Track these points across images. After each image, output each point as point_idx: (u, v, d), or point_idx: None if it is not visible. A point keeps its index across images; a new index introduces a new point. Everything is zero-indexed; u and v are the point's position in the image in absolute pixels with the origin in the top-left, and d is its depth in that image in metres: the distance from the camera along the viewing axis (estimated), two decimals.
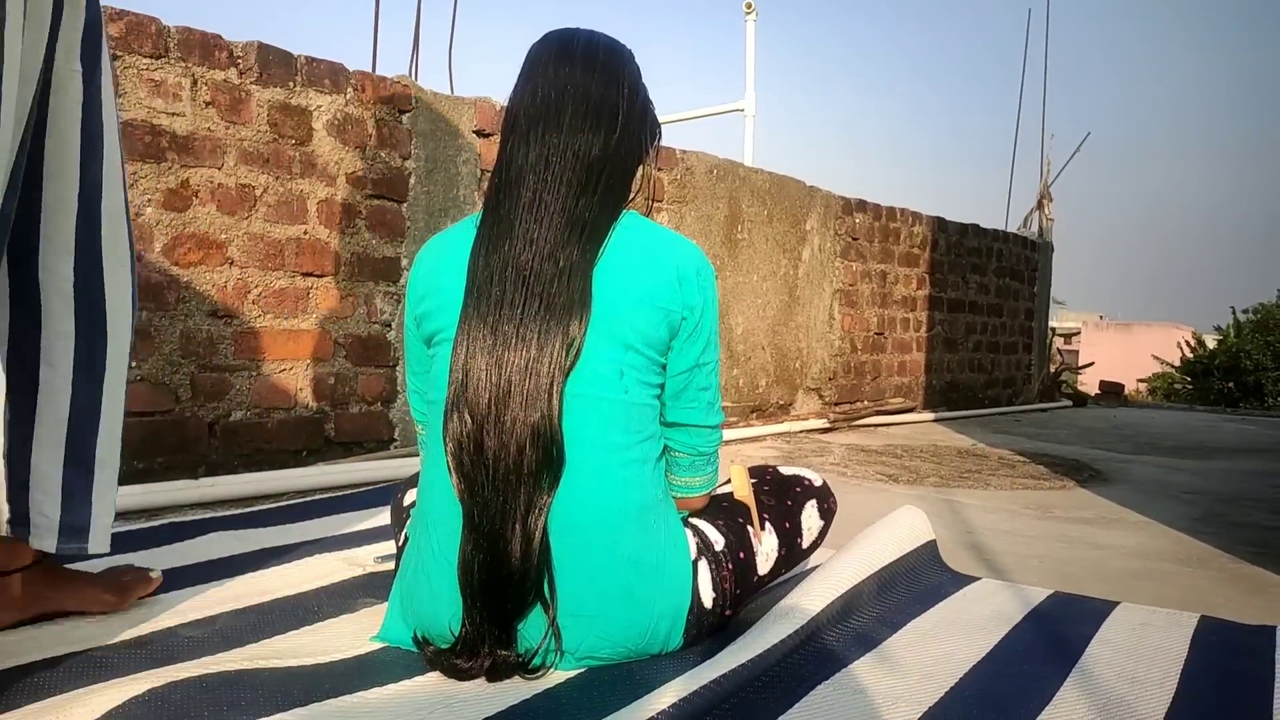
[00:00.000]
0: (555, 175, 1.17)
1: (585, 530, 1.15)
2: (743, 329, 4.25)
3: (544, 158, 1.18)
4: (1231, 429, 5.60)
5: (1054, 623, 1.49)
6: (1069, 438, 4.65)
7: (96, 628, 1.30)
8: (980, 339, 6.11)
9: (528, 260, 1.15)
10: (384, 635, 1.27)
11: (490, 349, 1.13)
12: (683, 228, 3.91)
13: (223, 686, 1.09)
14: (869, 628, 1.40)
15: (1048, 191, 7.10)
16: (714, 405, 1.29)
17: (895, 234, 5.26)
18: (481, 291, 1.16)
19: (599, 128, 1.19)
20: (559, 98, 1.19)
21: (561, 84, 1.20)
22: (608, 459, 1.16)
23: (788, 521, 1.41)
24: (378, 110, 2.82)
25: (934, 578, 1.68)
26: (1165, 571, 1.96)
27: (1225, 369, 12.96)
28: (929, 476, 3.14)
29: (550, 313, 1.13)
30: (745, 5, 5.24)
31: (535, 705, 1.09)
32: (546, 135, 1.18)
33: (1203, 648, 1.39)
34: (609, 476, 1.16)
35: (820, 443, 4.01)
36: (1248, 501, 2.91)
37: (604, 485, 1.16)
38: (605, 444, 1.16)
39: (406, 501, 1.48)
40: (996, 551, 2.06)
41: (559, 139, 1.18)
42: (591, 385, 1.15)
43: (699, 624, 1.26)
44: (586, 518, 1.15)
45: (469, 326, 1.15)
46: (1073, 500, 2.80)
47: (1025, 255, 6.61)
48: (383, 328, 2.87)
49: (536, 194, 1.17)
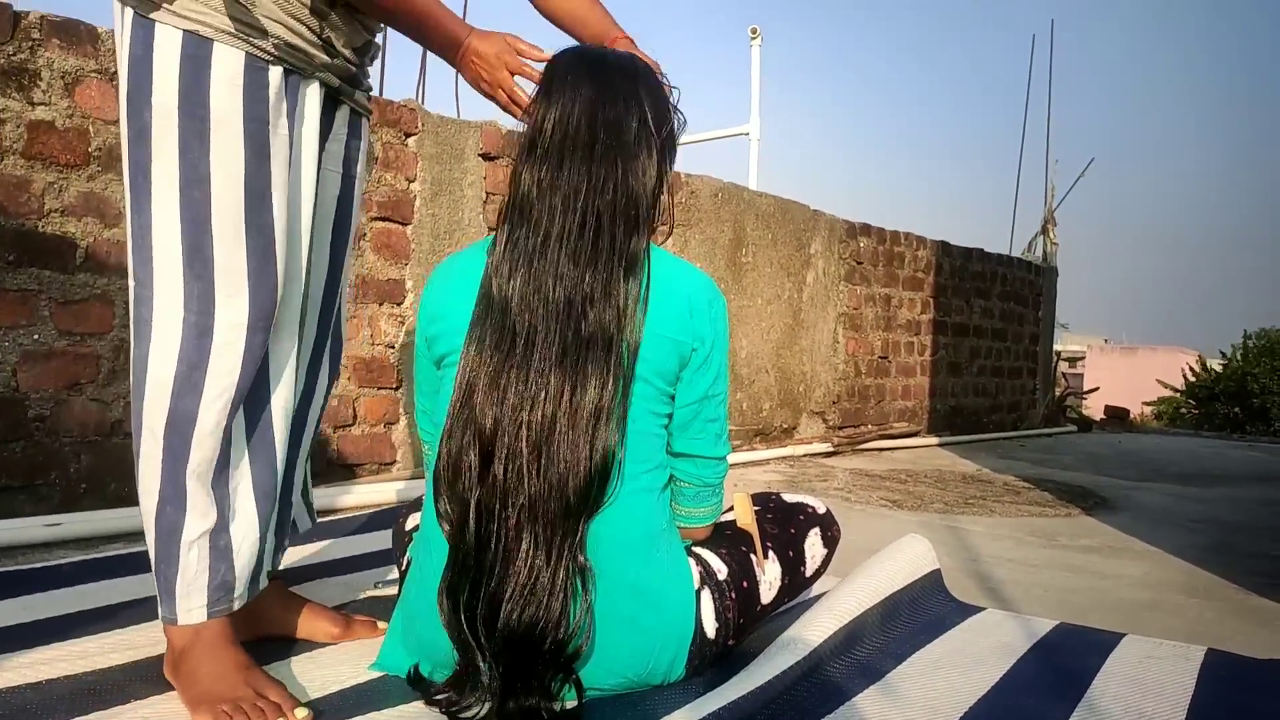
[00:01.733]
0: (585, 204, 1.14)
1: (590, 558, 1.14)
2: (747, 352, 4.24)
3: (573, 187, 1.14)
4: (1238, 455, 5.57)
5: (1060, 655, 1.47)
6: (1074, 463, 4.63)
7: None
8: (985, 363, 6.10)
9: (561, 293, 1.12)
10: (382, 663, 1.26)
11: (520, 380, 1.11)
12: (687, 251, 3.92)
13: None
14: (873, 659, 1.39)
15: (1052, 216, 7.11)
16: (721, 437, 1.28)
17: (899, 258, 5.26)
18: (497, 320, 1.14)
19: (627, 157, 1.16)
20: (587, 124, 1.16)
21: (588, 109, 1.16)
22: (615, 488, 1.15)
23: (791, 549, 1.39)
24: (384, 133, 2.83)
25: (938, 608, 1.67)
26: (1172, 602, 1.94)
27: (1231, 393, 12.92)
28: (933, 502, 3.13)
29: (593, 349, 1.11)
30: (750, 30, 5.27)
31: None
32: (571, 163, 1.15)
33: (1210, 682, 1.38)
34: (616, 504, 1.16)
35: (824, 467, 4.00)
36: (1255, 530, 2.89)
37: (610, 513, 1.15)
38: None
39: (409, 525, 1.47)
40: (1002, 580, 2.04)
41: (586, 168, 1.15)
42: None
43: (701, 654, 1.24)
44: (592, 545, 1.14)
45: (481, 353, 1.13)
46: (1078, 528, 2.78)
47: (1029, 280, 6.61)
48: (386, 349, 2.87)
49: (565, 224, 1.14)
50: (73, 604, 1.52)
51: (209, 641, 1.16)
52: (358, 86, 1.35)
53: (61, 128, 2.15)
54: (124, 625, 1.42)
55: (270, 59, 1.16)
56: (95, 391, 2.23)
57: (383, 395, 2.88)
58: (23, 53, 2.10)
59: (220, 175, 1.14)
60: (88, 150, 2.20)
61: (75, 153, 2.17)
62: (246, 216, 1.16)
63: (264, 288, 1.18)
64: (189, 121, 1.12)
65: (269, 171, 1.17)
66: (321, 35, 1.22)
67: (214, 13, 1.13)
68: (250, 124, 1.15)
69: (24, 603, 1.52)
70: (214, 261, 1.15)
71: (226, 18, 1.13)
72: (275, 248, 1.19)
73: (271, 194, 1.18)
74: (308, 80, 1.23)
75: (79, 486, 2.21)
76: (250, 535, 1.22)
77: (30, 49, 2.11)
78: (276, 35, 1.16)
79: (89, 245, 2.21)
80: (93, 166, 2.21)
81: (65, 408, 2.17)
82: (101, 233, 2.23)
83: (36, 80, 2.12)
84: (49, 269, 2.14)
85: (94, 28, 2.21)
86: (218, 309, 1.16)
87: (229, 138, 1.14)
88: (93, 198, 2.21)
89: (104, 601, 1.54)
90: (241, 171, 1.15)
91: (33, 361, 2.13)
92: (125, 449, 2.28)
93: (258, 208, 1.16)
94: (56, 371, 2.16)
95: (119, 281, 2.26)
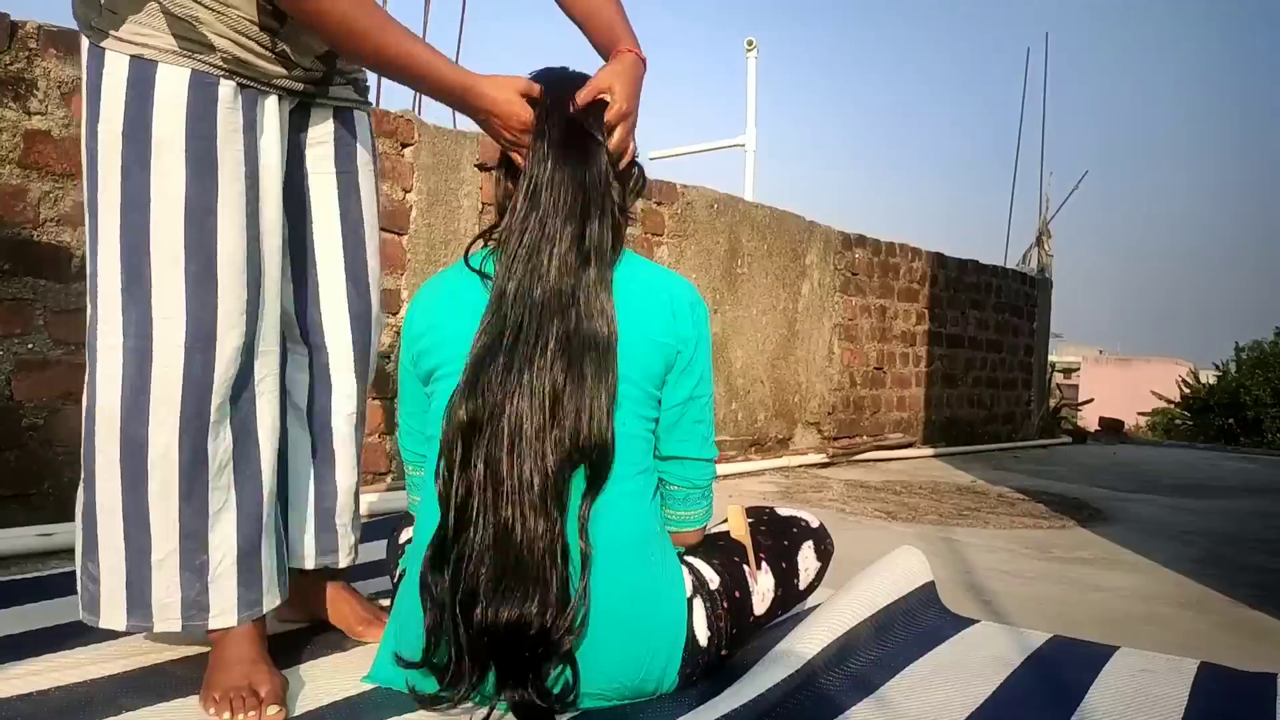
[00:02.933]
0: (561, 209, 1.20)
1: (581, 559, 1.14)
2: (742, 363, 4.25)
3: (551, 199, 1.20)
4: (1232, 467, 5.58)
5: (1053, 668, 1.48)
6: (1069, 475, 4.63)
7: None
8: (980, 374, 6.11)
9: (544, 289, 1.17)
10: (375, 675, 1.26)
11: (516, 377, 1.14)
12: (683, 262, 3.93)
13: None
14: (867, 672, 1.39)
15: (1047, 228, 7.14)
16: (708, 439, 1.30)
17: (895, 269, 5.27)
18: (497, 323, 1.17)
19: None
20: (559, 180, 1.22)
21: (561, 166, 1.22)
22: (604, 490, 1.16)
23: (784, 561, 1.40)
24: (381, 143, 2.83)
25: (932, 620, 1.67)
26: (1165, 615, 1.94)
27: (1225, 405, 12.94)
28: (928, 514, 3.13)
29: (583, 340, 1.15)
30: (746, 42, 5.30)
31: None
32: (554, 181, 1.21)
33: (1203, 695, 1.38)
34: (607, 506, 1.16)
35: (819, 478, 4.00)
36: (1248, 543, 2.89)
37: (602, 515, 1.16)
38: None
39: (403, 539, 1.47)
40: (996, 592, 2.04)
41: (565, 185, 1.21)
42: None
43: (694, 663, 1.24)
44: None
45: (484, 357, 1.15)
46: (1073, 540, 2.78)
47: (1024, 291, 6.63)
48: (382, 359, 2.87)
49: (544, 229, 1.19)
50: (66, 614, 1.52)
51: (232, 636, 1.22)
52: (331, 84, 1.34)
53: (57, 137, 2.15)
54: (117, 636, 1.41)
55: (221, 73, 1.17)
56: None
57: (376, 405, 2.88)
58: (19, 62, 2.10)
59: (160, 198, 1.15)
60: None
61: (71, 162, 2.17)
62: (186, 237, 1.16)
63: (203, 307, 1.18)
64: (131, 146, 1.14)
65: (215, 188, 1.17)
66: (275, 49, 1.22)
67: (158, 33, 1.14)
68: (194, 141, 1.15)
69: (17, 613, 1.52)
70: (151, 284, 1.16)
71: (171, 37, 1.14)
72: (218, 267, 1.18)
73: (217, 211, 1.18)
74: (265, 93, 1.23)
75: (72, 496, 2.19)
76: (229, 555, 1.23)
77: (27, 58, 2.11)
78: (225, 50, 1.17)
79: (84, 255, 2.20)
80: None
81: (59, 417, 2.17)
82: None
83: (33, 90, 2.12)
84: (44, 278, 2.14)
85: None
86: (155, 332, 1.17)
87: (171, 159, 1.15)
88: None
89: None
90: (182, 193, 1.16)
91: (27, 371, 2.12)
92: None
93: (199, 227, 1.17)
94: (51, 381, 2.16)
95: None
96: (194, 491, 1.19)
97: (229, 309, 1.20)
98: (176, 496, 1.18)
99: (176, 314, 1.17)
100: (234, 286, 1.20)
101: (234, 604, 1.23)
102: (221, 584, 1.22)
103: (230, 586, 1.23)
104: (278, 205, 1.26)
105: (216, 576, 1.22)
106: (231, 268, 1.19)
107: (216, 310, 1.19)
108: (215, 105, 1.16)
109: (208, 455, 1.20)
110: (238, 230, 1.20)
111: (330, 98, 1.35)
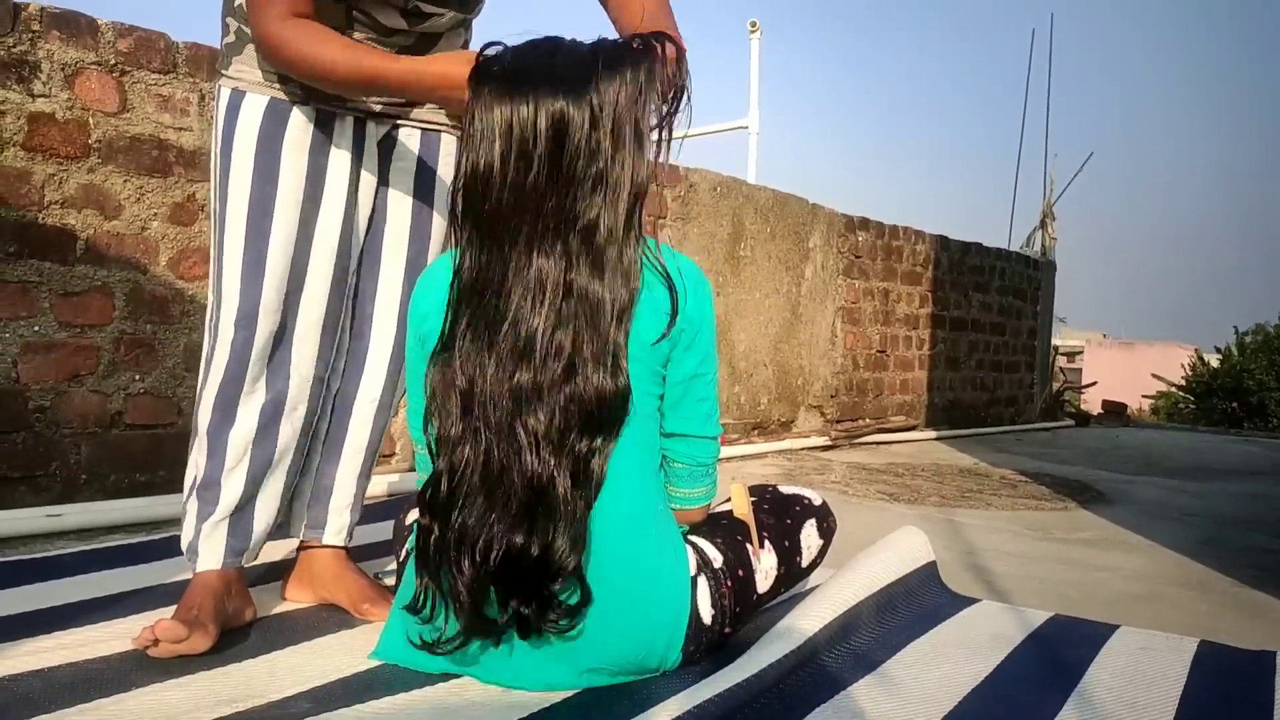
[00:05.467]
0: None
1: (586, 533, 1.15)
2: (745, 346, 4.25)
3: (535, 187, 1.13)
4: (1234, 450, 5.59)
5: (1054, 646, 1.49)
6: (1071, 458, 4.64)
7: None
8: (983, 357, 6.11)
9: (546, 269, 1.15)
10: (381, 652, 1.28)
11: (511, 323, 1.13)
12: (686, 244, 3.93)
13: (220, 704, 1.09)
14: (868, 649, 1.40)
15: (1050, 210, 7.12)
16: (712, 416, 1.30)
17: (898, 252, 5.27)
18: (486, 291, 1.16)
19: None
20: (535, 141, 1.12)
21: (538, 117, 1.11)
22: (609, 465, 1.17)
23: (787, 540, 1.41)
24: None
25: (934, 599, 1.68)
26: (1166, 595, 1.95)
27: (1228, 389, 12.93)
28: (930, 496, 3.14)
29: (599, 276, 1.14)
30: (750, 24, 5.28)
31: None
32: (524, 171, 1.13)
33: (1203, 673, 1.39)
34: (611, 481, 1.17)
35: (822, 460, 4.01)
36: (1249, 524, 2.90)
37: (607, 489, 1.16)
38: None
39: (409, 520, 1.48)
40: (997, 573, 2.05)
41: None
42: None
43: (697, 640, 1.26)
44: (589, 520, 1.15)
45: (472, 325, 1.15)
46: (1074, 521, 2.79)
47: (1028, 274, 6.62)
48: None
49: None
50: (74, 594, 1.53)
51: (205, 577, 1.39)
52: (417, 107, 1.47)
53: (62, 120, 2.16)
54: (125, 614, 1.42)
55: (296, 99, 1.37)
56: (95, 383, 2.24)
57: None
58: (23, 44, 2.10)
59: (234, 200, 1.38)
60: (87, 142, 2.20)
61: (75, 145, 2.18)
62: (246, 234, 1.38)
63: (250, 290, 1.38)
64: (222, 159, 1.38)
65: (273, 195, 1.37)
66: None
67: (251, 69, 1.37)
68: (261, 156, 1.37)
69: (25, 592, 1.53)
70: (223, 268, 1.39)
71: (259, 72, 1.37)
72: (267, 261, 1.38)
73: (273, 214, 1.38)
74: (342, 115, 1.41)
75: (79, 477, 2.21)
76: (229, 508, 1.41)
77: (30, 41, 2.11)
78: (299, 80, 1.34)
79: (89, 237, 2.21)
80: (93, 159, 2.21)
81: (66, 399, 2.18)
82: (101, 225, 2.23)
83: (37, 72, 2.12)
84: (49, 261, 2.15)
85: (94, 20, 2.21)
86: (222, 310, 1.39)
87: (244, 169, 1.37)
88: (92, 190, 2.22)
89: (105, 591, 1.55)
90: (247, 198, 1.37)
91: (33, 353, 2.13)
92: (125, 440, 2.29)
93: (256, 227, 1.37)
94: (57, 363, 2.17)
95: (119, 273, 2.26)
96: (215, 450, 1.39)
97: (269, 298, 1.38)
98: (205, 453, 1.40)
99: (232, 295, 1.38)
100: (277, 279, 1.38)
101: (221, 552, 1.40)
102: (256, 535, 1.43)
103: (221, 537, 1.40)
104: (339, 213, 1.43)
105: (216, 525, 1.40)
106: (277, 263, 1.38)
107: (260, 297, 1.38)
108: (284, 126, 1.37)
109: (236, 419, 1.39)
110: (287, 233, 1.39)
111: (413, 120, 1.49)
